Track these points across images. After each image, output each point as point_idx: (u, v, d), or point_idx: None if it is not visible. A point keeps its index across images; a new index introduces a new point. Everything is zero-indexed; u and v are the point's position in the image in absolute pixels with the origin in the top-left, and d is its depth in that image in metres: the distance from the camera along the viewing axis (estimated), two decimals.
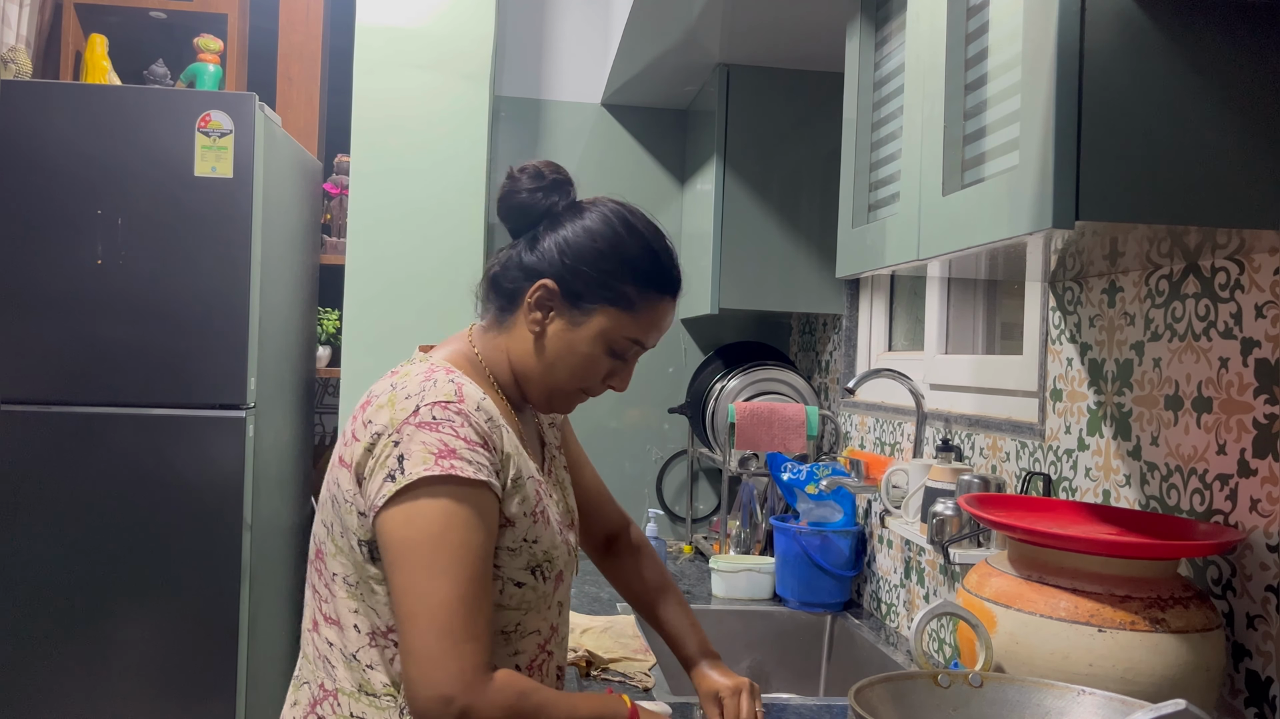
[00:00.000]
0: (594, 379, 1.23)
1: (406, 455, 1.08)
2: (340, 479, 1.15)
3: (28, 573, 2.51)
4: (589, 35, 3.16)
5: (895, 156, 1.42)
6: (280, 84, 3.28)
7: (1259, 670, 1.18)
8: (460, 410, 1.10)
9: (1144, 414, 1.38)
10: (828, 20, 2.22)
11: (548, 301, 1.20)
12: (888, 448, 2.27)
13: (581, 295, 1.19)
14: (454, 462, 1.07)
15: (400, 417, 1.10)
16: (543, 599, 1.21)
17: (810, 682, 2.20)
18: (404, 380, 1.15)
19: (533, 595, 1.19)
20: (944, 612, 1.22)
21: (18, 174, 2.52)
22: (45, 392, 2.53)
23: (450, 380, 1.14)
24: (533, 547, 1.18)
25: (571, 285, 1.19)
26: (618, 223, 1.21)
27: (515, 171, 1.24)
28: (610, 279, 1.19)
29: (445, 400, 1.11)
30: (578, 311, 1.20)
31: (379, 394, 1.15)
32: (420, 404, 1.10)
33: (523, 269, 1.22)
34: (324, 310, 3.31)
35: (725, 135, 2.62)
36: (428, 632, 1.04)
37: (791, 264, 2.64)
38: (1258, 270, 1.18)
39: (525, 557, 1.17)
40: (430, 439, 1.08)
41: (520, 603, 1.18)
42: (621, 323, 1.20)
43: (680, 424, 3.17)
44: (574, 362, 1.21)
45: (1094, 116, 0.95)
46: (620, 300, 1.20)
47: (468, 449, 1.09)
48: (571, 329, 1.20)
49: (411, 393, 1.12)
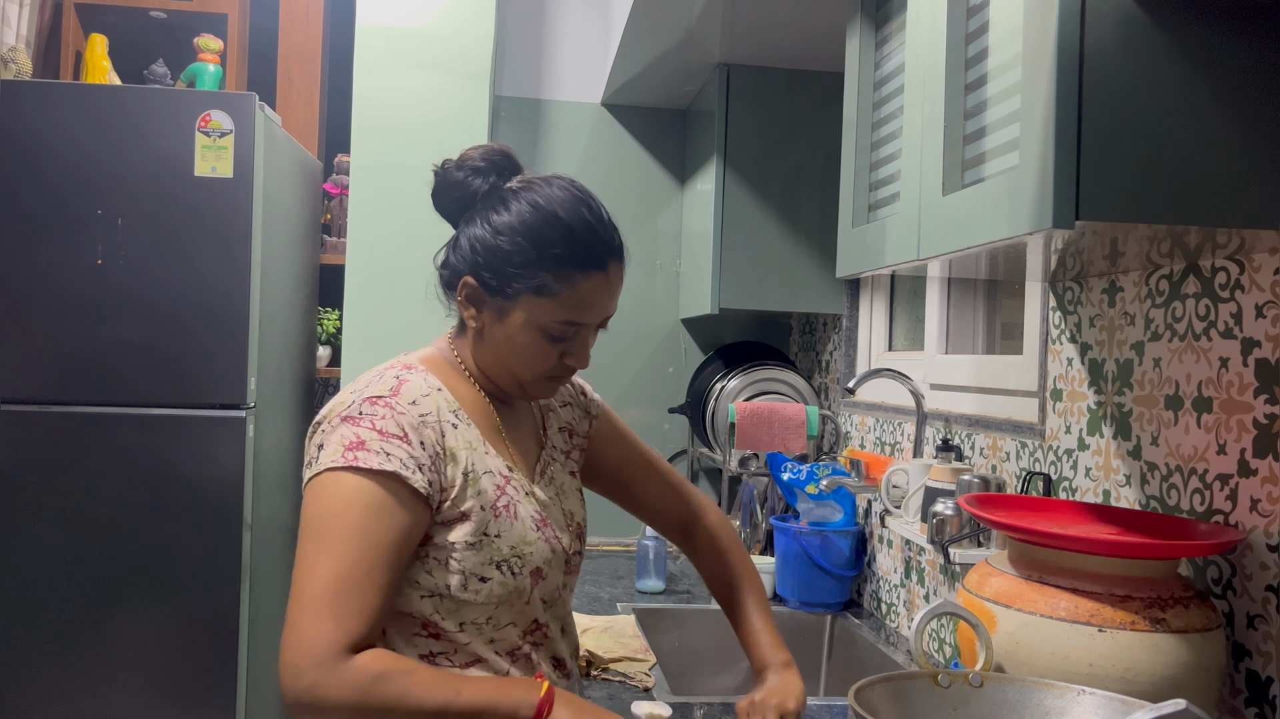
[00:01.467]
0: (548, 364, 1.22)
1: (324, 446, 1.12)
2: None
3: (28, 572, 2.51)
4: (589, 35, 3.16)
5: (895, 156, 1.42)
6: (280, 84, 3.28)
7: (1259, 670, 1.18)
8: (388, 404, 1.14)
9: (1144, 414, 1.38)
10: (828, 20, 2.22)
11: (474, 298, 1.22)
12: (888, 448, 2.27)
13: (500, 289, 1.20)
14: (359, 453, 1.10)
15: (336, 410, 1.15)
16: (517, 595, 1.20)
17: (810, 682, 2.20)
18: (365, 376, 1.20)
19: (502, 591, 1.18)
20: (944, 612, 1.22)
21: (18, 174, 2.52)
22: (45, 392, 2.53)
23: (395, 376, 1.18)
24: (494, 541, 1.18)
25: (488, 281, 1.20)
26: (528, 211, 1.19)
27: (444, 164, 1.27)
28: (524, 269, 1.18)
29: (376, 395, 1.15)
30: (503, 302, 1.20)
31: (342, 389, 1.21)
32: (356, 398, 1.15)
33: (449, 267, 1.25)
34: (324, 310, 3.31)
35: (725, 135, 2.62)
36: (297, 604, 1.06)
37: (791, 264, 2.64)
38: (1258, 270, 1.18)
39: (487, 551, 1.17)
40: (347, 432, 1.12)
41: (489, 597, 1.18)
42: (545, 309, 1.19)
43: (680, 424, 3.17)
44: (516, 351, 1.21)
45: (1094, 116, 0.95)
46: (540, 289, 1.18)
47: (379, 440, 1.11)
48: (502, 321, 1.21)
49: (357, 388, 1.17)
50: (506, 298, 1.19)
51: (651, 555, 2.37)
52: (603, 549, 2.92)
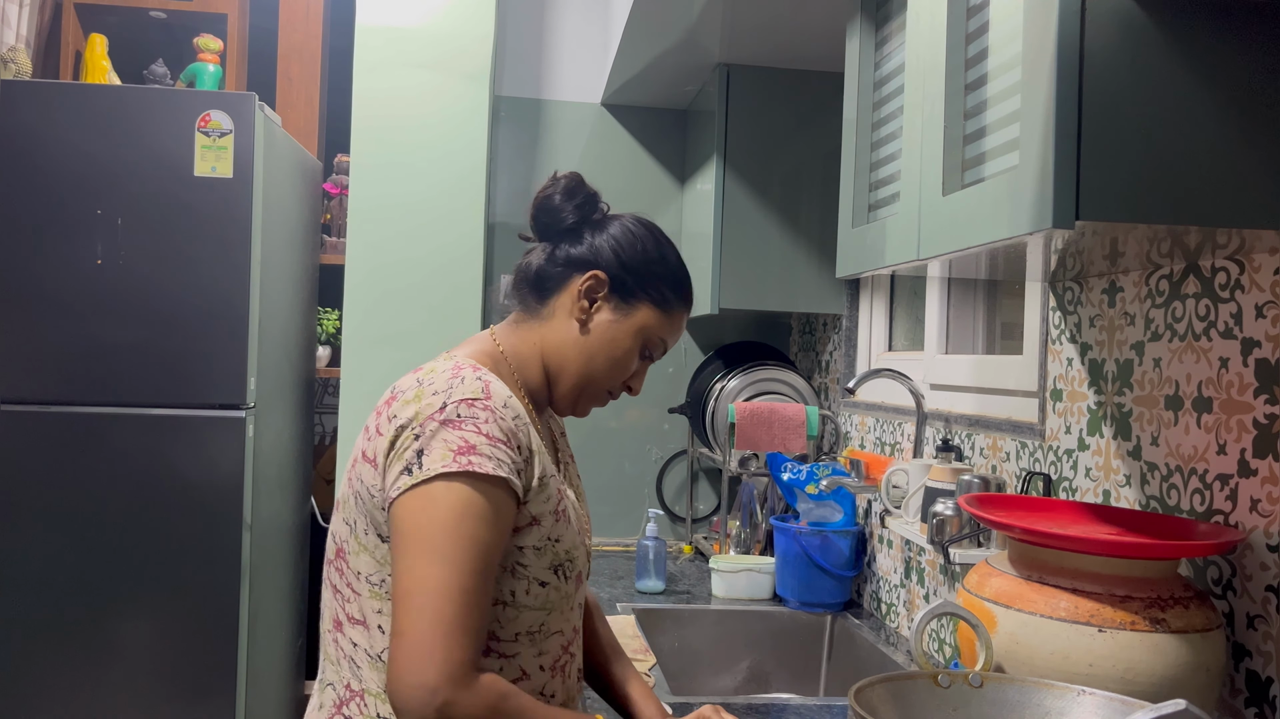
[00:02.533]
0: (624, 375, 1.29)
1: (426, 450, 1.08)
2: (364, 474, 1.15)
3: (28, 573, 2.51)
4: (589, 35, 3.16)
5: (895, 156, 1.42)
6: (280, 84, 3.28)
7: (1259, 670, 1.18)
8: (486, 407, 1.11)
9: (1144, 414, 1.38)
10: (828, 20, 2.22)
11: (596, 291, 1.26)
12: (888, 448, 2.27)
13: (629, 289, 1.26)
14: (472, 458, 1.08)
15: (426, 412, 1.11)
16: (565, 600, 1.22)
17: (810, 682, 2.20)
18: (430, 377, 1.15)
19: (556, 596, 1.20)
20: (944, 612, 1.22)
21: (18, 174, 2.52)
22: (45, 392, 2.53)
23: (478, 378, 1.15)
24: (555, 546, 1.19)
25: (621, 279, 1.26)
26: (657, 233, 1.32)
27: (556, 175, 1.31)
28: (654, 279, 1.28)
29: (471, 397, 1.11)
30: (624, 304, 1.26)
31: (404, 389, 1.16)
32: (447, 400, 1.11)
33: (570, 262, 1.27)
34: (324, 310, 3.31)
35: (725, 135, 2.62)
36: (420, 617, 1.03)
37: (791, 264, 2.64)
38: (1258, 270, 1.18)
39: (549, 556, 1.18)
40: (452, 436, 1.09)
41: (544, 603, 1.19)
42: (658, 321, 1.28)
43: (680, 424, 3.17)
44: (613, 353, 1.26)
45: (1094, 116, 0.95)
46: (660, 300, 1.28)
47: (489, 445, 1.09)
48: (616, 321, 1.26)
49: (439, 389, 1.13)
50: (632, 300, 1.27)
51: (651, 556, 2.37)
52: (603, 549, 2.92)
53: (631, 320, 1.27)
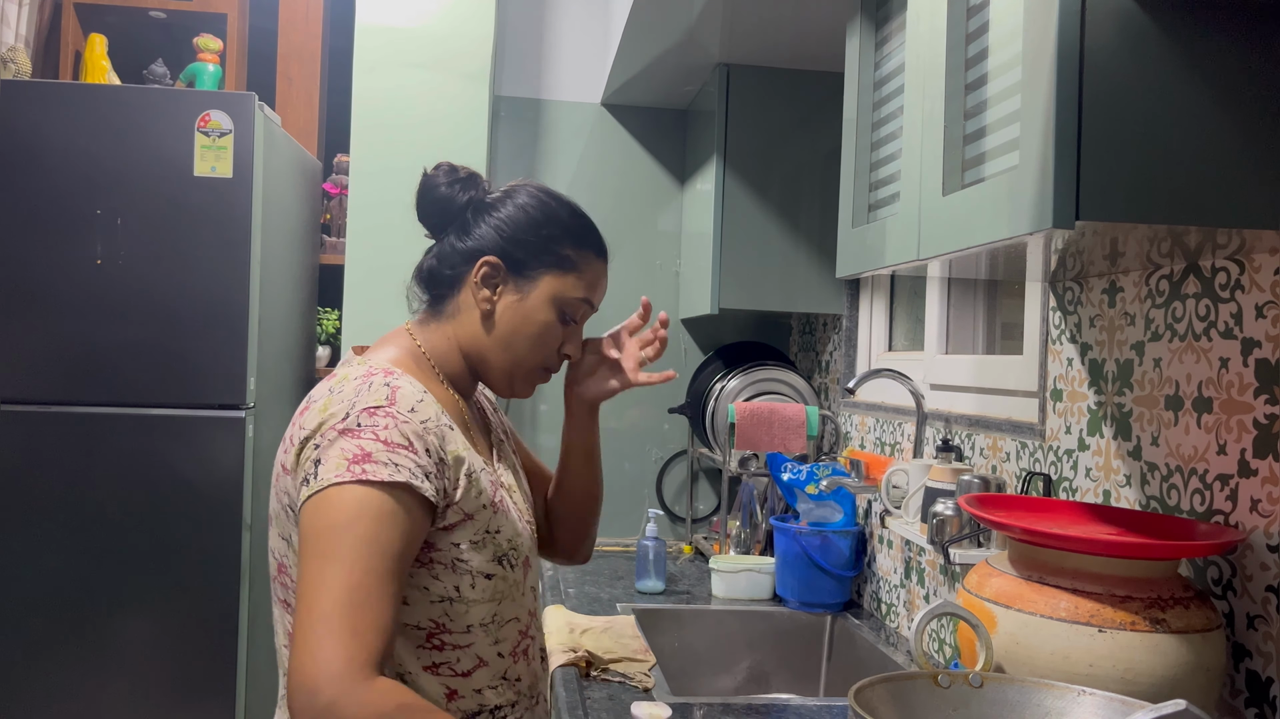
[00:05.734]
0: (551, 348, 1.28)
1: (323, 460, 1.07)
2: (286, 486, 1.14)
3: (28, 572, 2.51)
4: (589, 35, 3.16)
5: (895, 156, 1.42)
6: (280, 84, 3.28)
7: (1259, 671, 1.18)
8: (389, 413, 1.10)
9: (1144, 414, 1.38)
10: (828, 20, 2.22)
11: (494, 277, 1.25)
12: (888, 448, 2.27)
13: (525, 264, 1.25)
14: (367, 466, 1.05)
15: (329, 422, 1.09)
16: (515, 587, 1.23)
17: (810, 682, 2.20)
18: (341, 385, 1.14)
19: (504, 585, 1.20)
20: (944, 612, 1.22)
21: (17, 174, 2.52)
22: (45, 392, 2.53)
23: (386, 384, 1.13)
24: (495, 537, 1.19)
25: (514, 256, 1.25)
26: (544, 196, 1.29)
27: (429, 170, 1.31)
28: (549, 244, 1.26)
29: (375, 405, 1.10)
30: (524, 280, 1.25)
31: (316, 399, 1.15)
32: (350, 410, 1.10)
33: (461, 254, 1.27)
34: (324, 310, 3.31)
35: (725, 135, 2.62)
36: (308, 620, 0.99)
37: (791, 264, 2.64)
38: (1258, 270, 1.18)
39: (490, 548, 1.19)
40: (349, 445, 1.07)
41: (494, 594, 1.19)
42: (567, 284, 1.26)
43: (680, 424, 3.17)
44: (530, 332, 1.25)
45: (1094, 116, 0.95)
46: (562, 263, 1.26)
47: (385, 451, 1.07)
48: (522, 299, 1.25)
49: (346, 397, 1.12)
50: (530, 275, 1.25)
51: (651, 556, 2.37)
52: (603, 549, 2.92)
53: (537, 294, 1.25)
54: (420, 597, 1.15)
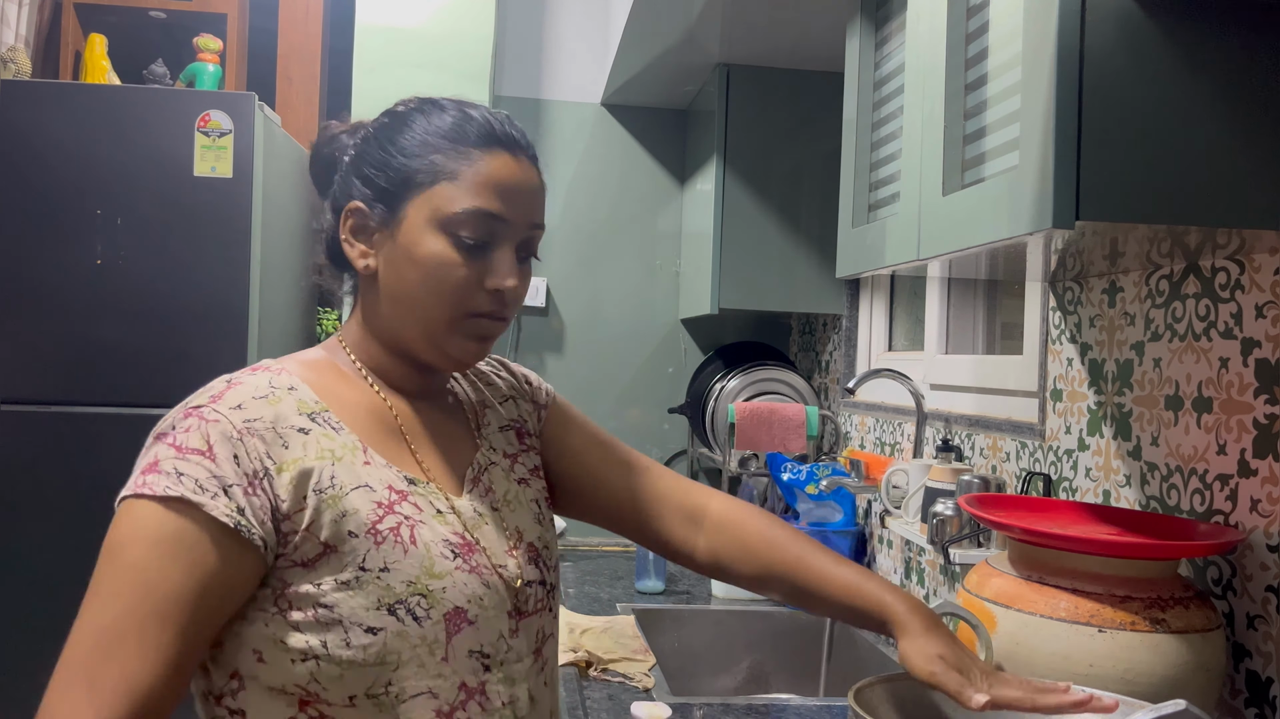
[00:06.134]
0: (463, 286, 0.96)
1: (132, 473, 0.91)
2: None
3: (28, 573, 2.51)
4: (589, 35, 3.16)
5: (895, 156, 1.42)
6: (280, 84, 3.28)
7: (1259, 671, 1.18)
8: (201, 414, 0.89)
9: (1144, 414, 1.38)
10: (828, 20, 2.22)
11: (362, 226, 0.99)
12: (888, 448, 2.27)
13: (392, 194, 0.97)
14: (149, 477, 0.86)
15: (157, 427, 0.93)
16: (425, 649, 0.92)
17: (810, 682, 2.20)
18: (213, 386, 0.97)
19: (401, 644, 0.90)
20: (944, 612, 1.22)
21: (17, 174, 2.52)
22: (45, 392, 2.53)
23: (228, 380, 0.95)
24: (381, 577, 0.90)
25: (379, 188, 0.98)
26: (400, 106, 1.03)
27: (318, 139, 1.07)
28: (411, 161, 0.97)
29: (196, 405, 0.91)
30: (394, 215, 0.97)
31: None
32: (179, 409, 0.93)
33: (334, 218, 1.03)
34: (324, 310, 3.31)
35: (725, 135, 2.62)
36: (57, 667, 0.85)
37: (791, 264, 2.64)
38: (1258, 270, 1.18)
39: (372, 592, 0.90)
40: (150, 453, 0.89)
41: (381, 656, 0.89)
42: (444, 196, 0.96)
43: (680, 424, 3.17)
44: (421, 273, 0.95)
45: (1094, 116, 0.95)
46: (432, 173, 0.96)
47: (175, 458, 0.86)
48: (398, 238, 0.97)
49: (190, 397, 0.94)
50: (398, 207, 0.97)
51: (651, 556, 2.37)
52: (603, 549, 2.92)
53: (411, 222, 0.96)
54: (278, 653, 0.89)
